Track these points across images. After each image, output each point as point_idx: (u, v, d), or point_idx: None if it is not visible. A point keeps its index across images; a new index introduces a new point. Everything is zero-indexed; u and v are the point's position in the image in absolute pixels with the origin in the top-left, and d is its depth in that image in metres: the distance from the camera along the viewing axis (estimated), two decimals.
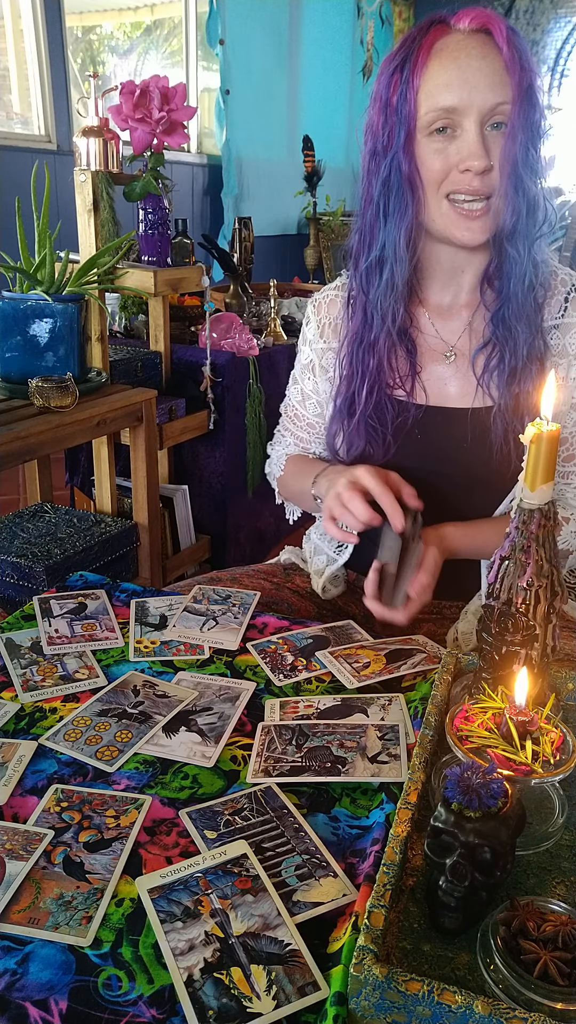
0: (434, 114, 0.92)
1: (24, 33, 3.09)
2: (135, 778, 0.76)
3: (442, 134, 0.93)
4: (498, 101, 0.91)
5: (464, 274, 1.06)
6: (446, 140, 0.93)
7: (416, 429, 1.08)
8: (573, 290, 1.05)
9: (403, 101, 0.94)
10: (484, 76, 0.90)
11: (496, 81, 0.90)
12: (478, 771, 0.60)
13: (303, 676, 0.93)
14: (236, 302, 2.65)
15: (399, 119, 0.94)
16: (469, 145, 0.92)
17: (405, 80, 0.93)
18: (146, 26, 3.91)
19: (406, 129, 0.94)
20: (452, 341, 1.09)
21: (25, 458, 1.65)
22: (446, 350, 1.09)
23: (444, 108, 0.91)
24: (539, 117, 0.92)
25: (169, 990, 0.56)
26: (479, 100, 0.90)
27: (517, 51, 0.90)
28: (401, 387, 1.09)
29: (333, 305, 1.15)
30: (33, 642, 0.97)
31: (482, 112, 0.91)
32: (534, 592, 0.73)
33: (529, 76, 0.91)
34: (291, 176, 4.32)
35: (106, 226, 1.94)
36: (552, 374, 0.74)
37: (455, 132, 0.93)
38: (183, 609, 1.05)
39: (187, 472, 2.42)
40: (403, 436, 1.08)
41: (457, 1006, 0.49)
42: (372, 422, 1.08)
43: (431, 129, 0.93)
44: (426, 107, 0.92)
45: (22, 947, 0.59)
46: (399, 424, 1.08)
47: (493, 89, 0.90)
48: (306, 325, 1.20)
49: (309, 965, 0.56)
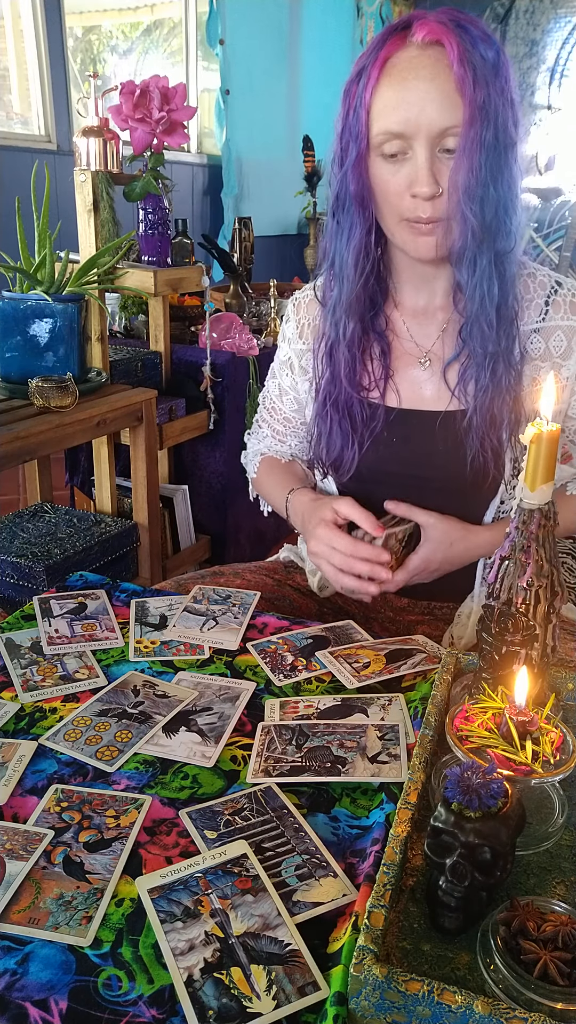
0: (382, 137, 0.89)
1: (24, 33, 3.09)
2: (135, 778, 0.76)
3: (394, 158, 0.90)
4: (447, 125, 0.86)
5: (436, 280, 1.04)
6: (398, 164, 0.90)
7: (389, 432, 1.08)
8: (554, 292, 1.03)
9: (356, 118, 0.90)
10: (431, 98, 0.85)
11: (446, 104, 0.85)
12: (478, 771, 0.60)
13: (303, 676, 0.93)
14: (236, 302, 2.65)
15: (351, 136, 0.92)
16: (417, 170, 0.89)
17: (359, 95, 0.90)
18: (146, 26, 3.91)
19: (357, 148, 0.91)
20: (427, 346, 1.08)
21: (25, 458, 1.65)
22: (420, 355, 1.08)
23: (390, 131, 0.88)
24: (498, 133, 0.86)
25: (169, 990, 0.56)
26: (426, 124, 0.86)
27: (472, 67, 0.84)
28: (375, 389, 1.08)
29: (312, 305, 1.14)
30: (33, 642, 0.98)
31: (430, 136, 0.87)
32: (534, 592, 0.73)
33: (484, 93, 0.84)
34: (291, 176, 4.32)
35: (106, 226, 1.94)
36: (551, 375, 0.74)
37: (406, 155, 0.90)
38: (183, 609, 1.05)
39: (187, 472, 2.42)
40: (376, 438, 1.07)
41: (457, 1006, 0.49)
42: (345, 424, 1.08)
43: (382, 152, 0.90)
44: (376, 128, 0.89)
45: (22, 947, 0.59)
46: (372, 426, 1.07)
47: (442, 112, 0.85)
48: (285, 323, 1.20)
49: (309, 965, 0.56)
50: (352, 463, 1.08)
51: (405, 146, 0.89)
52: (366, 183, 0.93)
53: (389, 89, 0.87)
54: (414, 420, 1.07)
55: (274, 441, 1.29)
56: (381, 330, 1.07)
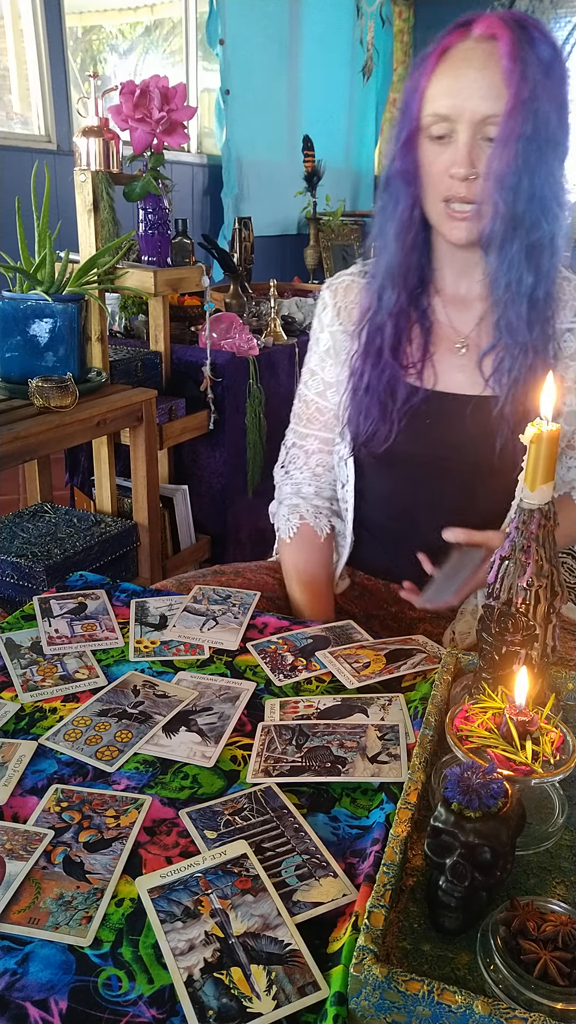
0: (431, 118, 0.95)
1: (24, 33, 3.09)
2: (135, 778, 0.76)
3: (441, 141, 0.96)
4: (489, 113, 0.91)
5: (476, 268, 1.07)
6: (443, 146, 0.96)
7: (424, 413, 1.09)
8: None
9: (412, 100, 0.97)
10: (478, 87, 0.91)
11: (491, 93, 0.91)
12: (478, 771, 0.60)
13: (303, 676, 0.93)
14: (236, 302, 2.65)
15: (406, 117, 0.98)
16: (456, 152, 0.94)
17: (416, 80, 0.96)
18: (146, 26, 3.91)
19: (408, 128, 0.97)
20: (465, 331, 1.10)
21: (25, 458, 1.65)
22: (458, 340, 1.10)
23: (438, 114, 0.94)
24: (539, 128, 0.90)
25: (169, 990, 0.56)
26: (470, 110, 0.92)
27: (521, 62, 0.89)
28: (413, 370, 1.10)
29: (350, 290, 1.16)
30: (33, 642, 0.98)
31: (473, 122, 0.92)
32: (534, 592, 0.73)
33: (529, 88, 0.89)
34: (291, 176, 4.32)
35: (106, 226, 1.93)
36: (551, 375, 0.74)
37: (451, 138, 0.95)
38: (183, 609, 1.05)
39: (187, 472, 2.42)
40: (410, 418, 1.09)
41: (457, 1006, 0.49)
42: (382, 400, 1.09)
43: (431, 134, 0.96)
44: (426, 110, 0.95)
45: (22, 947, 0.59)
46: (407, 407, 1.09)
47: (486, 100, 0.91)
48: (322, 311, 1.19)
49: (309, 965, 0.56)
50: (389, 437, 1.09)
51: (450, 129, 0.94)
52: (414, 161, 0.99)
53: (443, 76, 0.94)
54: (448, 403, 1.09)
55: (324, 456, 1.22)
56: (424, 310, 1.10)
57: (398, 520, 1.19)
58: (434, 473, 1.10)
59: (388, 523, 1.20)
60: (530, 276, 0.98)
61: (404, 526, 1.17)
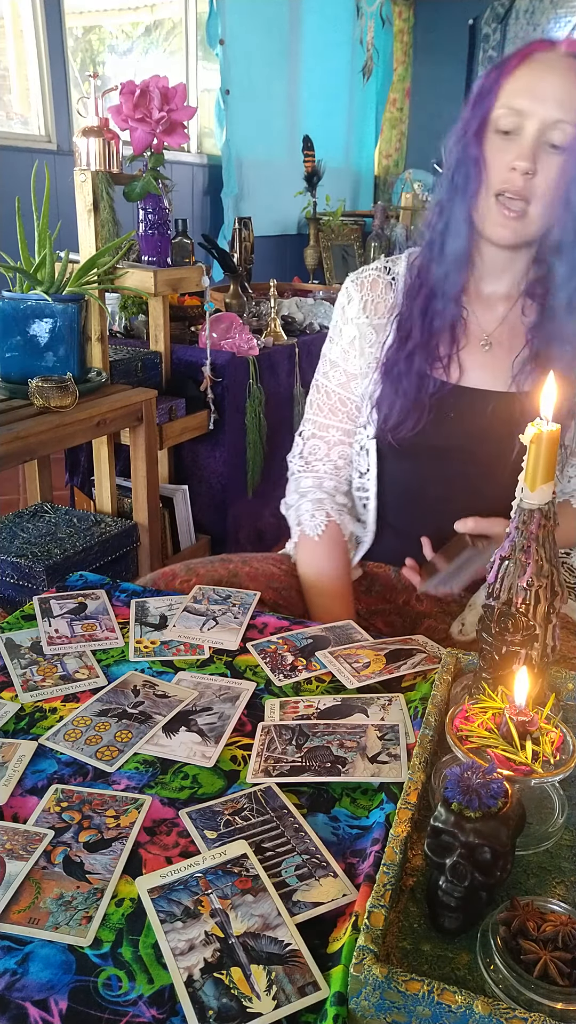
0: (503, 111, 1.00)
1: (24, 33, 3.09)
2: (135, 778, 0.76)
3: (506, 136, 1.00)
4: (559, 117, 0.97)
5: (504, 273, 1.12)
6: (508, 141, 1.00)
7: (450, 407, 1.13)
8: None
9: (487, 93, 1.01)
10: (555, 92, 0.97)
11: (566, 101, 0.97)
12: (478, 771, 0.60)
13: (303, 676, 0.93)
14: (236, 302, 2.65)
15: (479, 109, 1.02)
16: (521, 146, 0.99)
17: (494, 78, 1.01)
18: (146, 26, 3.91)
19: (480, 118, 1.02)
20: (489, 330, 1.14)
21: (25, 458, 1.65)
22: (482, 338, 1.14)
23: (511, 108, 0.99)
24: None
25: (169, 990, 0.56)
26: (542, 111, 0.97)
27: None
28: (441, 364, 1.13)
29: (376, 284, 1.19)
30: (33, 642, 0.98)
31: (543, 122, 0.97)
32: (534, 592, 0.73)
33: None
34: (291, 176, 4.31)
35: (106, 226, 1.93)
36: (551, 375, 0.73)
37: (517, 134, 0.99)
38: (183, 609, 1.05)
39: (187, 472, 2.42)
40: (437, 411, 1.12)
41: (457, 1006, 0.49)
42: (413, 389, 1.12)
43: (498, 126, 1.00)
44: (501, 102, 1.00)
45: (22, 947, 0.59)
46: (435, 400, 1.12)
47: (559, 105, 0.97)
48: (347, 303, 1.21)
49: (309, 965, 0.56)
50: (417, 425, 1.12)
51: (519, 124, 0.99)
52: (482, 151, 1.03)
53: (524, 74, 1.00)
54: (472, 398, 1.13)
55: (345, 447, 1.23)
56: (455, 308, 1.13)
57: (413, 511, 1.21)
58: (453, 466, 1.14)
59: (402, 513, 1.22)
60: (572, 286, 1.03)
61: (418, 517, 1.19)
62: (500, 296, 1.14)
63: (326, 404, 1.23)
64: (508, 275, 1.12)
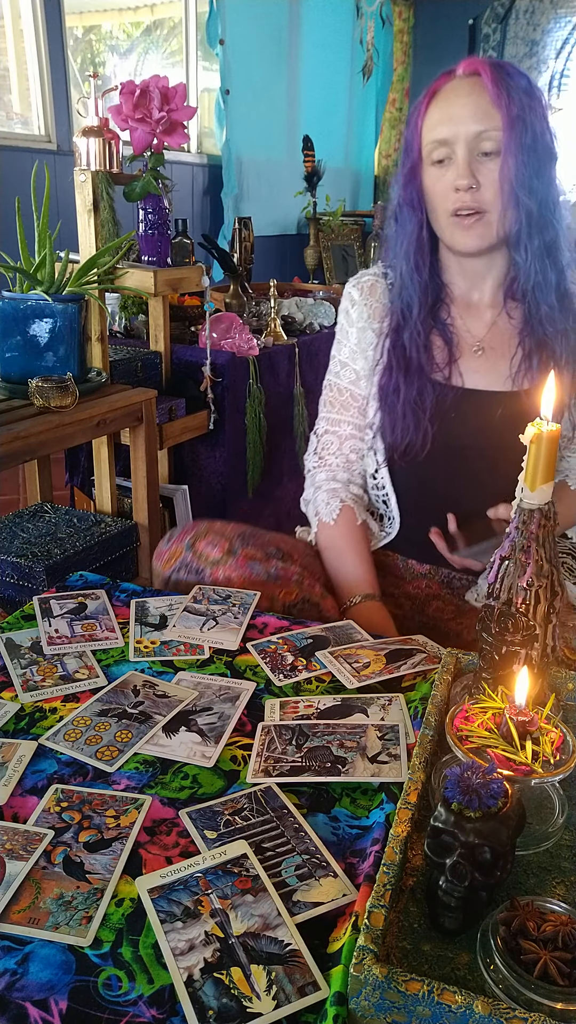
0: (431, 146, 1.08)
1: (24, 33, 3.09)
2: (135, 778, 0.76)
3: (441, 164, 1.08)
4: (482, 128, 1.04)
5: (485, 280, 1.16)
6: (443, 168, 1.08)
7: (452, 410, 1.16)
8: None
9: (412, 137, 1.11)
10: (468, 111, 1.04)
11: (480, 114, 1.04)
12: (478, 771, 0.60)
13: (303, 676, 0.93)
14: (236, 302, 2.65)
15: (408, 153, 1.12)
16: (457, 168, 1.06)
17: (414, 121, 1.11)
18: (146, 26, 3.90)
19: (411, 161, 1.11)
20: (479, 336, 1.18)
21: (25, 458, 1.65)
22: (474, 344, 1.18)
23: (437, 140, 1.07)
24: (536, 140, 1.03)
25: (169, 990, 0.56)
26: (464, 130, 1.05)
27: (506, 87, 1.03)
28: (440, 372, 1.17)
29: (375, 288, 1.24)
30: (33, 642, 0.97)
31: (468, 139, 1.05)
32: (534, 592, 0.73)
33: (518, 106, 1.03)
34: (291, 176, 4.31)
35: (106, 226, 1.93)
36: (552, 375, 0.74)
37: (451, 160, 1.07)
38: (183, 609, 1.05)
39: (187, 472, 2.42)
40: (441, 417, 1.16)
41: (457, 1006, 0.49)
42: (414, 411, 1.16)
43: (432, 160, 1.09)
44: (426, 140, 1.09)
45: (22, 947, 0.59)
46: (438, 406, 1.16)
47: (477, 120, 1.04)
48: (352, 307, 1.25)
49: (309, 965, 0.56)
50: (426, 443, 1.16)
51: (449, 152, 1.07)
52: (418, 189, 1.12)
53: (436, 109, 1.08)
54: (476, 399, 1.16)
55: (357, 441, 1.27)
56: (443, 320, 1.18)
57: (422, 506, 1.24)
58: (459, 464, 1.17)
59: (412, 508, 1.26)
60: (552, 272, 1.09)
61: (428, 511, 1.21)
62: (486, 303, 1.19)
63: (338, 401, 1.29)
64: (489, 281, 1.17)
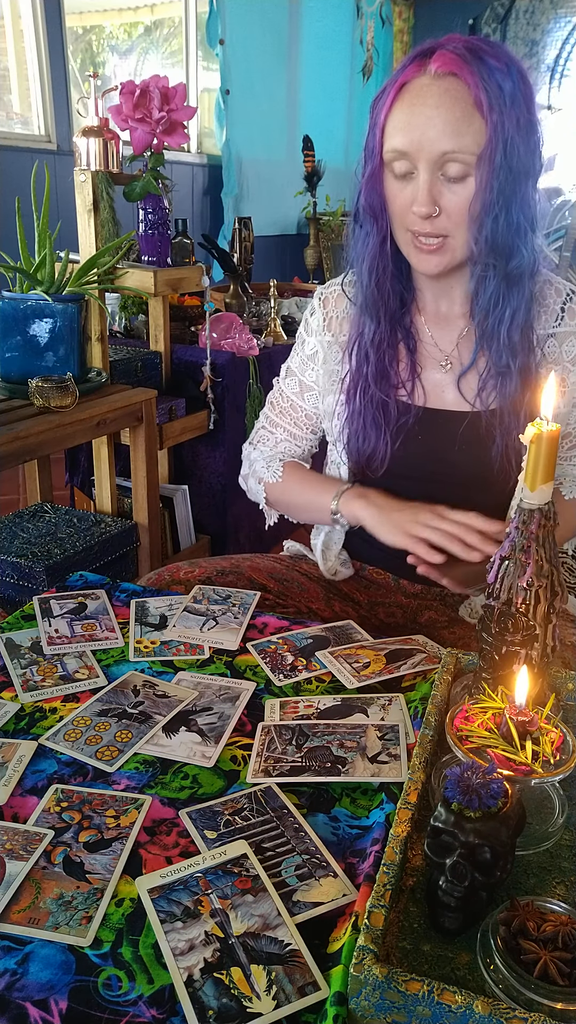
0: (391, 155, 0.95)
1: (24, 33, 3.09)
2: (135, 778, 0.76)
3: (403, 177, 0.95)
4: (447, 149, 0.90)
5: (454, 289, 1.08)
6: (406, 182, 0.96)
7: (417, 429, 1.11)
8: (569, 299, 1.08)
9: (373, 135, 0.96)
10: (434, 124, 0.90)
11: (447, 131, 0.89)
12: (478, 771, 0.60)
13: (303, 676, 0.93)
14: (236, 302, 2.65)
15: (369, 152, 0.98)
16: (417, 191, 0.94)
17: (377, 115, 0.96)
18: (146, 26, 3.90)
19: (373, 163, 0.98)
20: (448, 350, 1.11)
21: (25, 458, 1.65)
22: (442, 359, 1.11)
23: (396, 150, 0.94)
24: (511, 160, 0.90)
25: (169, 990, 0.56)
26: (427, 149, 0.91)
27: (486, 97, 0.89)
28: (403, 388, 1.11)
29: (340, 300, 1.17)
30: (33, 642, 0.97)
31: (431, 159, 0.91)
32: (534, 592, 0.73)
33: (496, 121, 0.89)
34: (291, 176, 4.31)
35: (106, 226, 1.93)
36: (552, 375, 0.74)
37: (413, 176, 0.95)
38: (183, 609, 1.05)
39: (187, 472, 2.42)
40: (404, 435, 1.10)
41: (457, 1006, 0.49)
42: (378, 418, 1.10)
43: (393, 170, 0.96)
44: (387, 146, 0.95)
45: (22, 947, 0.59)
46: (401, 424, 1.10)
47: (442, 137, 0.90)
48: (311, 315, 1.21)
49: (309, 965, 0.56)
50: (385, 457, 1.10)
51: (411, 167, 0.94)
52: (380, 195, 0.99)
53: (399, 112, 0.93)
54: (439, 419, 1.11)
55: (291, 444, 1.26)
56: (408, 331, 1.11)
57: None
58: (428, 487, 1.10)
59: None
60: (512, 303, 1.00)
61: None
62: (456, 313, 1.10)
63: (279, 405, 1.26)
64: (458, 292, 1.07)
